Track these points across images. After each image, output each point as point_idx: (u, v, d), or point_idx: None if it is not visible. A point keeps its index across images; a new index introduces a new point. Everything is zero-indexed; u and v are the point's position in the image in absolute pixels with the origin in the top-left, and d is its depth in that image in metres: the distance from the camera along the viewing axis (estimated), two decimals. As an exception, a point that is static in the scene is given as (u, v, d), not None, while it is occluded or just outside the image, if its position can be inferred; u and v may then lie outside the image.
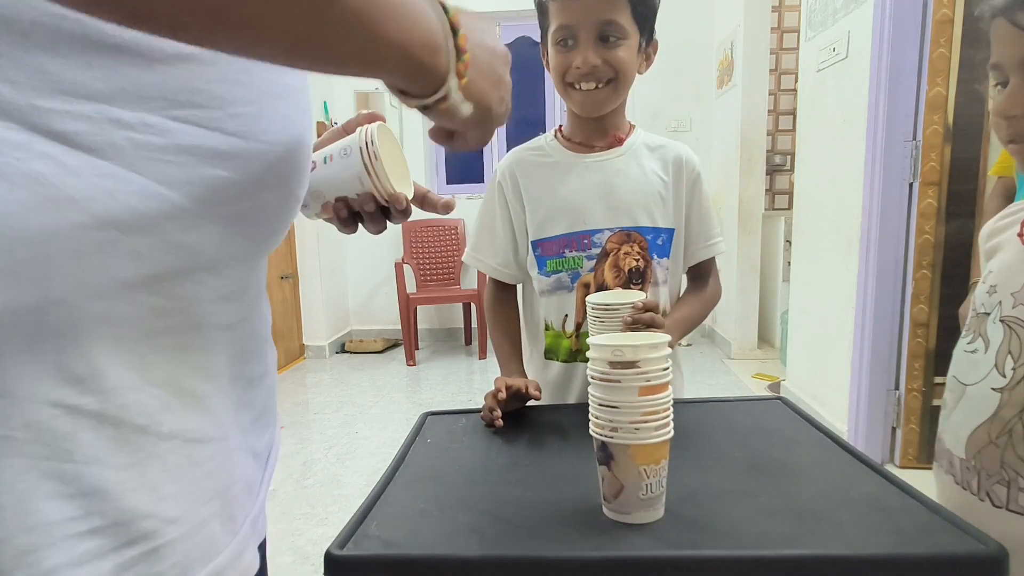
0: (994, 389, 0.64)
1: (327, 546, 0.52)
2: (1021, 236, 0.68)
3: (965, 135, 1.98)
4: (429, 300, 3.99)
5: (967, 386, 0.68)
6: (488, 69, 0.40)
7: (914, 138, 2.02)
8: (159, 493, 0.33)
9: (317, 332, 4.03)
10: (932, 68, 1.96)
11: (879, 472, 0.63)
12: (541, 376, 1.03)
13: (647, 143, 1.01)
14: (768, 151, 3.85)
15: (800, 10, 2.64)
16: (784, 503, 0.57)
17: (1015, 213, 0.72)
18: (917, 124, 2.01)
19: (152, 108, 0.31)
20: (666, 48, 0.98)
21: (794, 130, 3.27)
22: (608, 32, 0.89)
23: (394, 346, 4.23)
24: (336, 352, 4.17)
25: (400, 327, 3.88)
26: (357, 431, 2.72)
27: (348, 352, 4.18)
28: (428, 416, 0.87)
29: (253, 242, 0.39)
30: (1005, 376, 0.63)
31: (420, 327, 4.26)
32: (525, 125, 4.27)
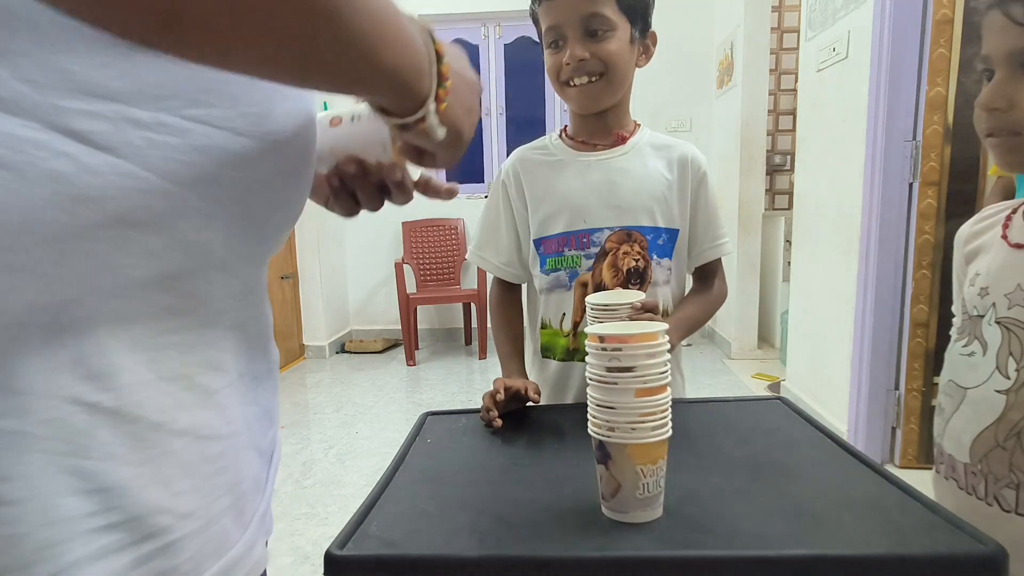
0: (998, 392, 0.64)
1: (327, 546, 0.52)
2: (1005, 237, 0.68)
3: (965, 135, 1.98)
4: (429, 300, 3.99)
5: (967, 389, 0.67)
6: (464, 97, 0.43)
7: (914, 138, 2.02)
8: (173, 489, 0.33)
9: (317, 332, 4.03)
10: (932, 68, 1.96)
11: (879, 472, 0.63)
12: (540, 375, 1.03)
13: (652, 142, 1.01)
14: (768, 151, 3.85)
15: (800, 10, 2.64)
16: (784, 503, 0.57)
17: (993, 216, 0.71)
18: (917, 124, 2.01)
19: (168, 108, 0.31)
20: (666, 48, 0.98)
21: (794, 130, 3.27)
22: (594, 25, 0.89)
23: (394, 346, 4.23)
24: (336, 352, 4.17)
25: (400, 327, 3.88)
26: (357, 431, 2.72)
27: (348, 352, 4.18)
28: (428, 416, 0.87)
29: (260, 241, 0.40)
30: (1009, 378, 0.63)
31: (420, 327, 4.26)
32: (525, 125, 4.27)
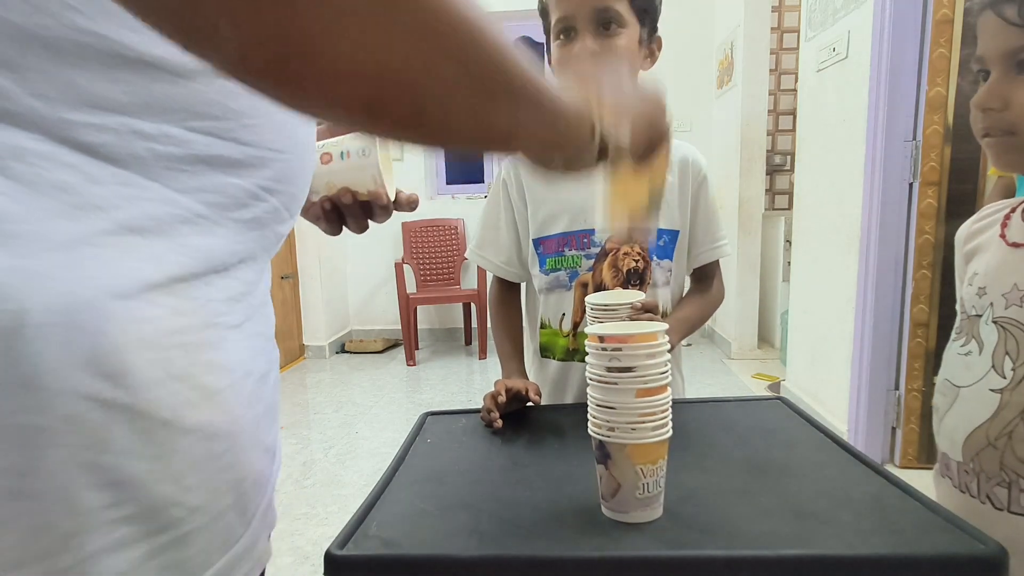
0: (993, 390, 0.64)
1: (327, 546, 0.52)
2: (1004, 236, 0.68)
3: (965, 135, 1.97)
4: (429, 300, 3.99)
5: (960, 388, 0.68)
6: (614, 102, 0.43)
7: (914, 138, 2.02)
8: (183, 484, 0.35)
9: (317, 332, 4.03)
10: (932, 68, 1.96)
11: (879, 472, 0.63)
12: (539, 374, 1.03)
13: None
14: (768, 151, 3.85)
15: (800, 10, 2.64)
16: (784, 503, 0.57)
17: (992, 215, 0.72)
18: (917, 124, 2.01)
19: (172, 120, 0.33)
20: (666, 48, 0.98)
21: (794, 130, 3.27)
22: (606, 18, 0.88)
23: (394, 346, 4.23)
24: (336, 352, 4.17)
25: (400, 327, 3.88)
26: (357, 431, 2.72)
27: (348, 352, 4.18)
28: (428, 416, 0.87)
29: (260, 245, 0.42)
30: (1005, 377, 0.63)
31: (420, 327, 4.26)
32: (525, 125, 4.26)
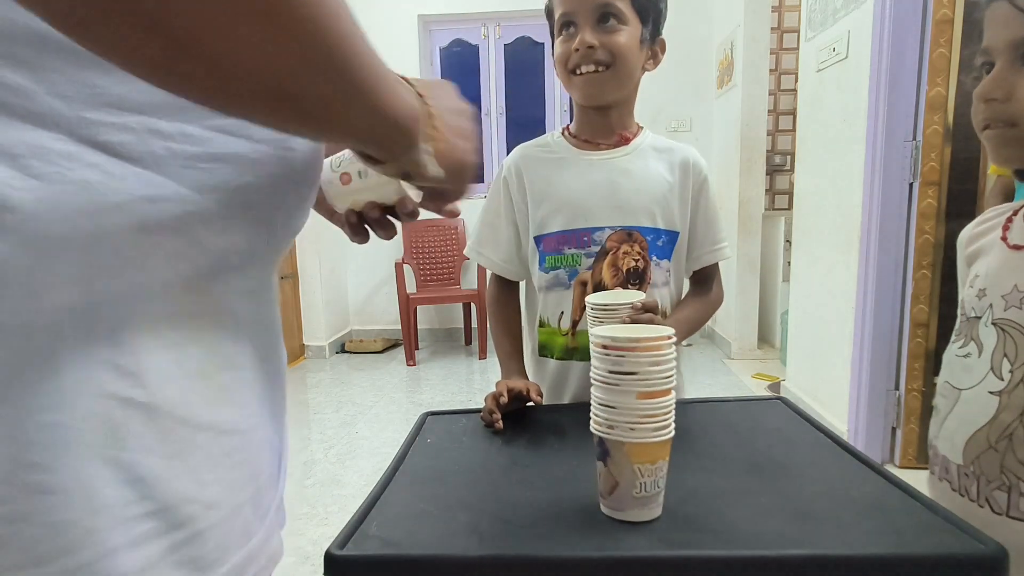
0: (991, 393, 0.64)
1: (327, 546, 0.52)
2: (1005, 239, 0.68)
3: (965, 135, 1.98)
4: (429, 300, 3.99)
5: (961, 390, 0.67)
6: (455, 126, 0.44)
7: (914, 138, 2.02)
8: (200, 480, 0.35)
9: (317, 332, 4.03)
10: (932, 68, 1.96)
11: (879, 472, 0.63)
12: (538, 373, 1.03)
13: (654, 145, 1.01)
14: (768, 151, 3.85)
15: (800, 10, 2.64)
16: (784, 503, 0.57)
17: (995, 217, 0.71)
18: (917, 124, 2.01)
19: (189, 119, 0.33)
20: (667, 48, 0.99)
21: (794, 130, 3.27)
22: (606, 13, 0.90)
23: (394, 346, 4.23)
24: (336, 352, 4.17)
25: (400, 327, 3.88)
26: (357, 431, 2.72)
27: (348, 352, 4.18)
28: (428, 416, 0.87)
29: (273, 242, 0.42)
30: (1003, 379, 0.63)
31: (420, 327, 4.26)
32: (525, 125, 4.27)
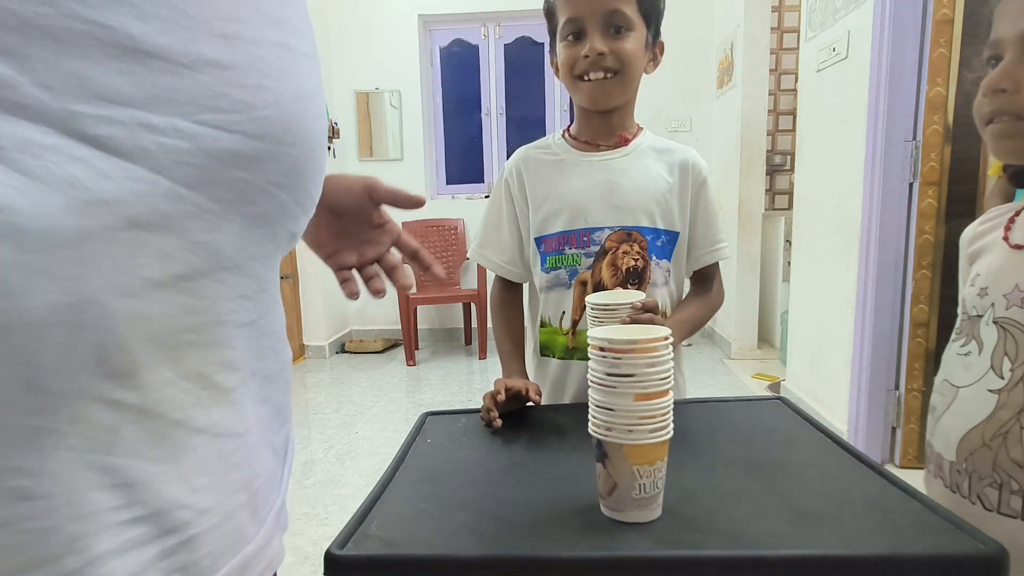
0: (991, 391, 0.64)
1: (327, 546, 0.52)
2: (1007, 239, 0.68)
3: (965, 135, 1.98)
4: (429, 300, 3.98)
5: (959, 388, 0.68)
6: None
7: (914, 138, 2.02)
8: (192, 485, 0.34)
9: (317, 332, 4.03)
10: (932, 68, 1.96)
11: (879, 472, 0.63)
12: (538, 373, 1.04)
13: (654, 145, 1.01)
14: (768, 151, 3.85)
15: (800, 10, 2.64)
16: (784, 503, 0.57)
17: (997, 216, 0.72)
18: (917, 124, 2.01)
19: (180, 113, 0.32)
20: (667, 48, 0.99)
21: (794, 130, 3.27)
22: (615, 21, 0.90)
23: (394, 346, 4.23)
24: (336, 352, 4.17)
25: (400, 327, 3.88)
26: (357, 431, 2.72)
27: (348, 352, 4.18)
28: (428, 416, 0.87)
29: (271, 242, 0.41)
30: (1003, 377, 0.63)
31: (420, 327, 4.26)
32: (525, 126, 4.27)
